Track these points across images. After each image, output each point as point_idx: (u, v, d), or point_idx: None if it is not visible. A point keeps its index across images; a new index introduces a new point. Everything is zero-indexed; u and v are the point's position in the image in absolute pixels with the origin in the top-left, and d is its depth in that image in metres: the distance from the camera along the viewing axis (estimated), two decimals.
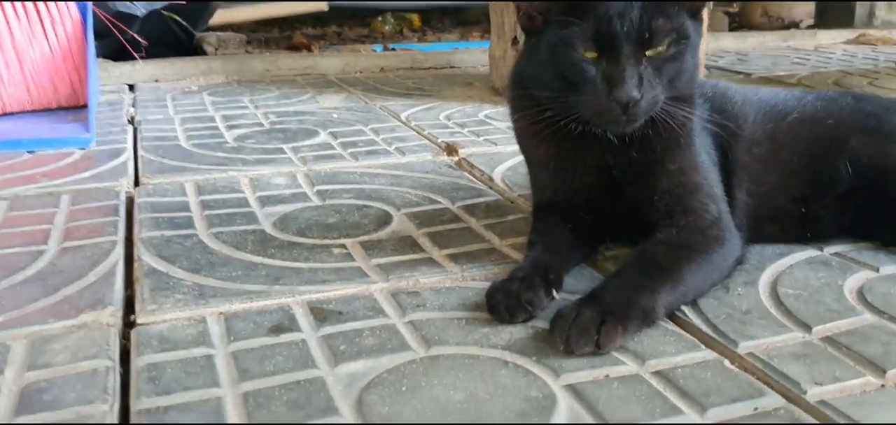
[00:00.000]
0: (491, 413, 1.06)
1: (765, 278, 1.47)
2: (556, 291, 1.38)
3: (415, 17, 6.78)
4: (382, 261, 1.58)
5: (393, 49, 5.02)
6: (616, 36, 1.35)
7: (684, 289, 1.35)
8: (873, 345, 1.21)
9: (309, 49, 5.16)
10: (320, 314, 1.36)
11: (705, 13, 1.52)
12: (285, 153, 2.39)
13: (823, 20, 6.05)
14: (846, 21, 5.78)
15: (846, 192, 1.62)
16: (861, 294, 1.39)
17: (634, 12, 1.35)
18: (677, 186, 1.48)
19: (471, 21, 7.19)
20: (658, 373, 1.15)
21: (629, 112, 1.35)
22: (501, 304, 1.31)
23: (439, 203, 1.94)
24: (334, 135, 2.61)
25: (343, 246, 1.67)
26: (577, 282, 1.47)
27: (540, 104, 1.47)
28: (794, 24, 6.38)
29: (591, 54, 1.37)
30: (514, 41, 3.21)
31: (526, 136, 1.61)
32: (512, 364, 1.18)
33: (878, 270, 1.49)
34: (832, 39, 5.10)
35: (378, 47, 5.10)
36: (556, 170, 1.55)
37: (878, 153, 1.62)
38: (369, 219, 1.83)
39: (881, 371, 1.14)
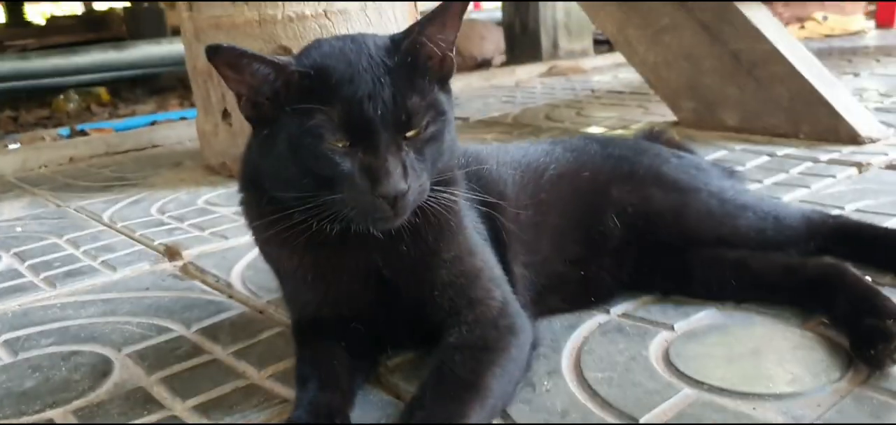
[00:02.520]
0: None
1: (566, 361, 1.32)
2: None
3: (102, 91, 6.10)
4: None
5: (82, 130, 4.42)
6: (370, 122, 1.12)
7: (493, 401, 1.14)
8: None
9: None
10: None
11: None
12: None
13: (515, 56, 6.37)
14: (534, 54, 6.12)
15: (619, 246, 1.54)
16: (669, 362, 1.28)
17: (386, 92, 1.14)
18: (457, 276, 1.28)
19: (166, 88, 6.65)
20: None
21: (398, 206, 1.14)
22: None
23: (171, 330, 1.58)
24: (21, 257, 2.11)
25: (51, 422, 1.26)
26: (365, 414, 1.21)
27: (285, 206, 1.20)
28: (487, 62, 6.66)
29: (343, 144, 1.13)
30: (225, 114, 2.88)
31: (272, 248, 1.32)
32: None
33: (673, 329, 1.40)
34: (529, 73, 5.34)
35: (64, 130, 4.45)
36: (317, 281, 1.28)
37: (641, 200, 1.55)
38: (82, 372, 1.43)
39: None
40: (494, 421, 1.15)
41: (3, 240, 2.31)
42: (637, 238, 1.53)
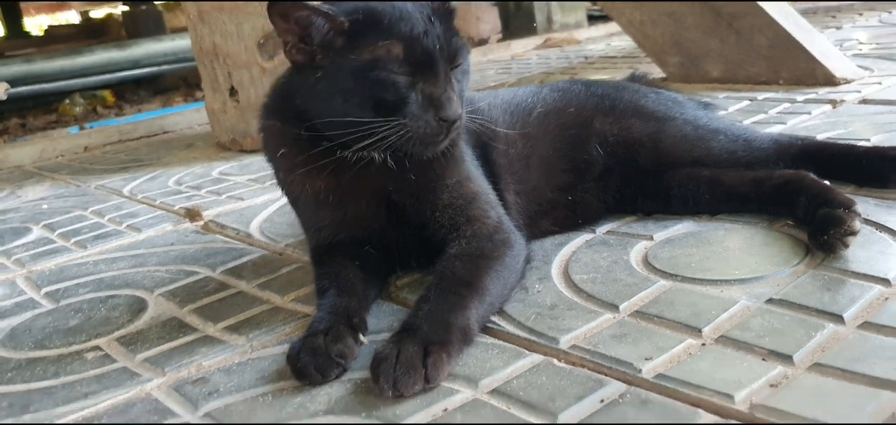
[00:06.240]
0: None
1: (556, 270, 1.47)
2: (364, 335, 1.26)
3: (107, 94, 6.24)
4: (150, 352, 1.36)
5: (90, 128, 4.56)
6: (431, 54, 1.28)
7: (491, 298, 1.29)
8: (680, 308, 1.23)
9: None
10: None
11: None
12: None
13: (510, 32, 6.50)
14: (530, 29, 6.25)
15: (603, 172, 1.68)
16: (648, 262, 1.43)
17: (437, 29, 1.30)
18: (457, 198, 1.43)
19: (170, 88, 6.78)
20: (496, 392, 1.08)
21: (452, 129, 1.31)
22: (309, 365, 1.16)
23: (198, 273, 1.73)
24: (51, 228, 2.27)
25: (97, 348, 1.41)
26: (379, 321, 1.36)
27: (327, 137, 1.35)
28: (484, 42, 6.79)
29: (405, 75, 1.28)
30: (232, 92, 3.02)
31: (298, 174, 1.44)
32: None
33: (652, 238, 1.54)
34: (524, 47, 5.46)
35: (74, 130, 4.60)
36: (335, 203, 1.43)
37: (621, 129, 1.69)
38: (120, 310, 1.58)
39: (697, 330, 1.16)
40: (492, 317, 1.29)
41: (31, 215, 2.46)
42: (619, 164, 1.68)
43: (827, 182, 1.50)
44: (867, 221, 1.46)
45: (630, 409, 1.00)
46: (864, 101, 2.47)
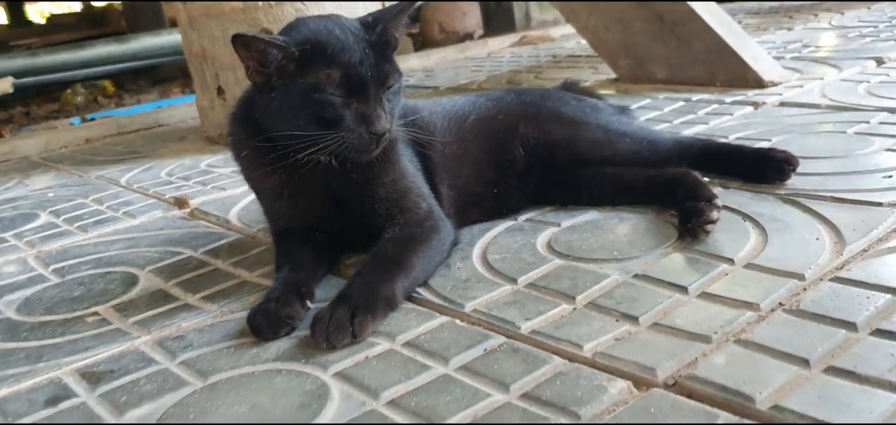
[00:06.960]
0: (275, 414, 1.23)
1: (476, 251, 1.77)
2: (310, 302, 1.56)
3: (107, 84, 6.55)
4: (140, 317, 1.66)
5: (92, 119, 4.86)
6: (364, 80, 1.57)
7: (416, 273, 1.59)
8: (563, 281, 1.54)
9: None
10: (92, 377, 1.43)
11: None
12: (8, 241, 2.33)
13: (491, 28, 6.79)
14: (509, 26, 6.55)
15: (525, 170, 1.98)
16: (550, 246, 1.73)
17: (371, 59, 1.59)
18: (392, 193, 1.73)
19: (168, 77, 7.09)
20: (407, 344, 1.39)
21: (380, 142, 1.60)
22: (263, 324, 1.47)
23: (182, 253, 2.04)
24: (56, 214, 2.57)
25: (96, 313, 1.72)
26: (327, 292, 1.66)
27: (281, 145, 1.63)
28: (469, 36, 7.08)
29: (342, 97, 1.57)
30: (220, 91, 3.32)
31: (256, 172, 1.76)
32: (284, 371, 1.36)
33: (560, 225, 1.85)
34: (501, 44, 5.75)
35: (75, 120, 4.91)
36: (289, 197, 1.73)
37: (542, 133, 1.99)
38: (115, 283, 1.89)
39: (571, 298, 1.47)
40: (417, 288, 1.60)
41: (39, 203, 2.76)
42: (539, 163, 1.98)
43: (706, 179, 1.81)
44: (737, 211, 1.76)
45: (503, 356, 1.31)
46: (783, 104, 2.76)
